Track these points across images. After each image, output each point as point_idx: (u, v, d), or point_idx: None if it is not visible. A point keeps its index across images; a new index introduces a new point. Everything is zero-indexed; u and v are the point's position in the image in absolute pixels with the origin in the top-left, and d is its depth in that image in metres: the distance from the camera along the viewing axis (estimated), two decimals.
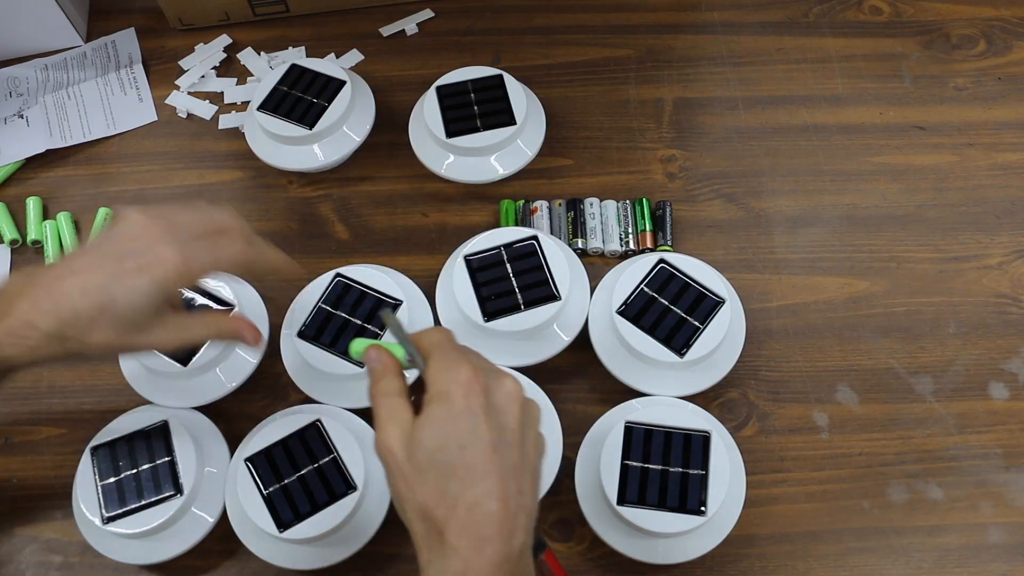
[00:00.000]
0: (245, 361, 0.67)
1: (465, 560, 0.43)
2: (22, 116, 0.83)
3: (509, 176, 0.75)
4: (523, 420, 0.47)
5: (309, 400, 0.66)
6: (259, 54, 0.86)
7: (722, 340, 0.64)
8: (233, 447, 0.64)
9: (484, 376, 0.46)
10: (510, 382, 0.47)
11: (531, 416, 0.48)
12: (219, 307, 0.67)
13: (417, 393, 0.49)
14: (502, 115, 0.75)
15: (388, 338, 0.58)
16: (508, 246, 0.68)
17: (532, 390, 0.65)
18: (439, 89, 0.76)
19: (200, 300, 0.67)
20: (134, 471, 0.62)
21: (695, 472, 0.59)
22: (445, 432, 0.45)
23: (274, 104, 0.77)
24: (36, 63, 0.88)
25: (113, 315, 0.51)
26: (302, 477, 0.60)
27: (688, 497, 0.59)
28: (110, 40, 0.88)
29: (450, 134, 0.74)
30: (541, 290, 0.66)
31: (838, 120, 0.80)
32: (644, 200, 0.75)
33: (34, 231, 0.77)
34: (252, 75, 0.85)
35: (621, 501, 0.59)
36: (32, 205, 0.78)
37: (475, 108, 0.75)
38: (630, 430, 0.61)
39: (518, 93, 0.76)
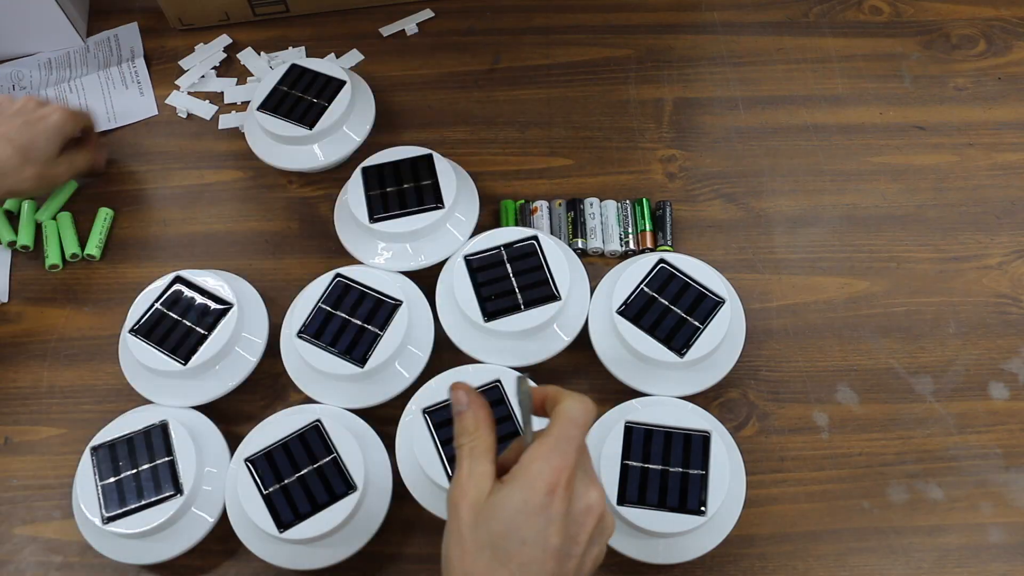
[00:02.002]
0: (245, 361, 0.67)
1: None
2: None
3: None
4: (594, 535, 0.46)
5: (309, 400, 0.66)
6: (259, 54, 0.86)
7: (722, 340, 0.64)
8: (233, 447, 0.64)
9: (575, 480, 0.45)
10: (596, 494, 0.46)
11: (604, 532, 0.47)
12: (218, 306, 0.67)
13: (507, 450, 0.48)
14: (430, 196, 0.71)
15: (514, 397, 0.55)
16: (508, 246, 0.68)
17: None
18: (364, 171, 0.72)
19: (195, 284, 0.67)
20: (134, 471, 0.62)
21: (695, 472, 0.59)
22: (515, 521, 0.44)
23: (274, 104, 0.77)
24: (39, 57, 0.88)
25: (34, 152, 0.71)
26: (302, 477, 0.60)
27: (688, 497, 0.59)
28: (112, 34, 0.89)
29: (374, 220, 0.70)
30: (541, 290, 0.66)
31: (838, 120, 0.80)
32: (644, 200, 0.75)
33: (25, 235, 0.77)
34: (252, 75, 0.85)
35: (621, 501, 0.59)
36: (26, 208, 0.78)
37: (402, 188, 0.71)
38: (630, 430, 0.61)
39: (446, 170, 0.72)
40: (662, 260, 0.67)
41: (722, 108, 0.81)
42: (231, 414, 0.68)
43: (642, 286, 0.66)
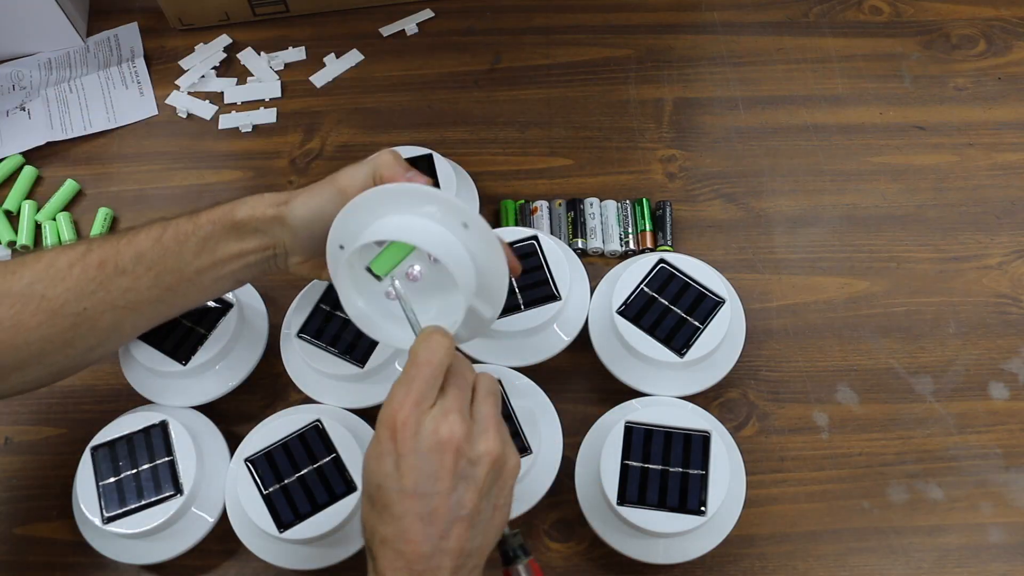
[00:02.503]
0: (245, 361, 0.67)
1: None
2: (24, 109, 0.84)
3: None
4: (458, 468, 0.45)
5: (309, 400, 0.66)
6: (259, 54, 0.86)
7: (722, 340, 0.64)
8: (233, 447, 0.64)
9: (419, 417, 0.45)
10: (448, 427, 0.45)
11: (472, 462, 0.46)
12: (218, 306, 0.67)
13: None
14: None
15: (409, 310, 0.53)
16: (508, 246, 0.68)
17: (532, 390, 0.65)
18: None
19: None
20: (134, 471, 0.61)
21: (695, 472, 0.59)
22: (370, 468, 0.46)
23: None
24: (39, 57, 0.88)
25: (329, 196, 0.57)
26: (302, 477, 0.60)
27: (688, 497, 0.59)
28: (112, 34, 0.89)
29: None
30: (541, 290, 0.66)
31: (838, 120, 0.80)
32: (644, 200, 0.75)
33: (25, 235, 0.77)
34: (252, 75, 0.85)
35: (621, 501, 0.59)
36: (26, 208, 0.78)
37: None
38: (630, 430, 0.61)
39: (446, 170, 0.71)
40: (662, 260, 0.67)
41: (722, 108, 0.81)
42: (231, 414, 0.68)
43: (642, 286, 0.66)
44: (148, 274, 0.57)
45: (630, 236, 0.74)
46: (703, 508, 0.58)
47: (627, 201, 0.76)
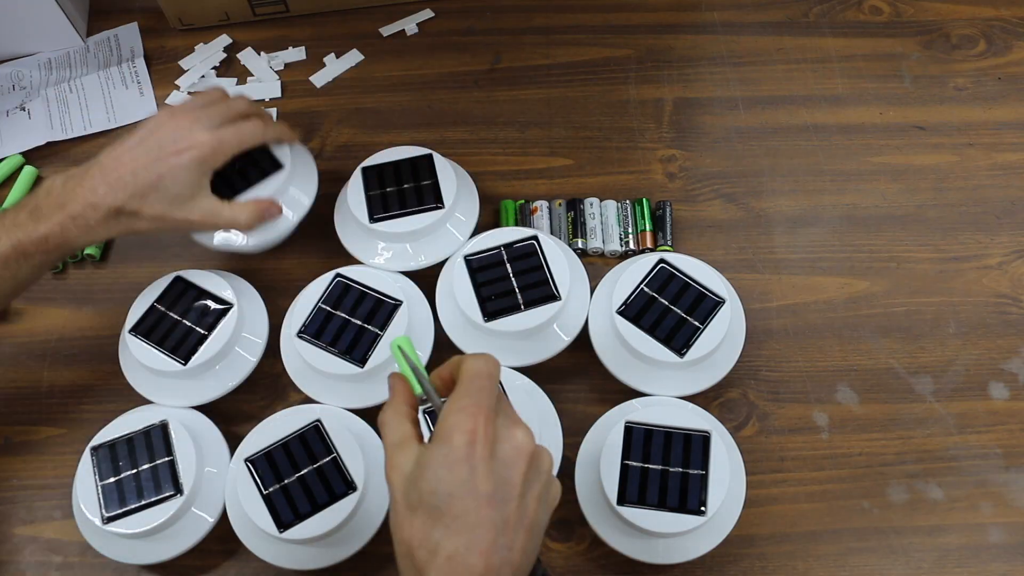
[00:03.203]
0: (245, 361, 0.67)
1: None
2: (24, 109, 0.84)
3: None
4: (528, 475, 0.45)
5: (309, 400, 0.66)
6: (259, 54, 0.86)
7: (722, 340, 0.64)
8: (233, 447, 0.64)
9: (494, 425, 0.45)
10: (521, 434, 0.45)
11: (539, 470, 0.46)
12: (218, 306, 0.67)
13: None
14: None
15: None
16: (508, 246, 0.68)
17: (532, 390, 0.65)
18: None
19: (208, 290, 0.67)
20: (134, 471, 0.61)
21: (695, 472, 0.59)
22: (439, 477, 0.43)
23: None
24: (39, 57, 0.88)
25: (161, 191, 0.62)
26: (302, 477, 0.60)
27: (688, 497, 0.59)
28: (112, 34, 0.89)
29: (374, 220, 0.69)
30: (541, 290, 0.66)
31: (838, 120, 0.80)
32: (644, 200, 0.75)
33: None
34: (252, 75, 0.85)
35: (621, 501, 0.59)
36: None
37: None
38: (630, 430, 0.61)
39: (446, 170, 0.71)
40: (662, 260, 0.67)
41: (722, 108, 0.81)
42: (231, 414, 0.68)
43: (642, 286, 0.66)
44: None
45: (630, 236, 0.74)
46: (703, 508, 0.58)
47: (627, 201, 0.76)
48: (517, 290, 0.66)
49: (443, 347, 0.67)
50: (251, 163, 0.69)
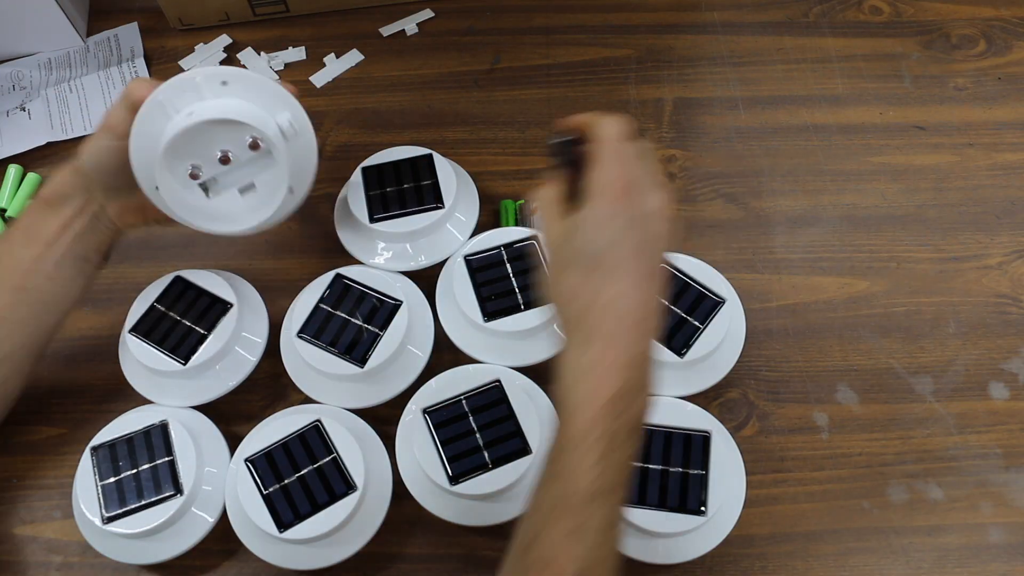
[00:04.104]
0: (245, 360, 0.67)
1: (601, 350, 0.45)
2: (24, 109, 0.84)
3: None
4: (667, 233, 0.48)
5: (309, 400, 0.66)
6: (259, 54, 0.86)
7: (722, 340, 0.64)
8: (233, 447, 0.64)
9: (639, 184, 0.48)
10: (660, 194, 0.48)
11: (675, 231, 0.49)
12: (218, 306, 0.67)
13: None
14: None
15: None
16: (508, 246, 0.68)
17: (532, 390, 0.65)
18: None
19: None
20: (134, 471, 0.62)
21: (695, 472, 0.59)
22: (595, 230, 0.47)
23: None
24: (39, 57, 0.88)
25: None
26: (302, 477, 0.60)
27: (688, 497, 0.59)
28: (112, 34, 0.89)
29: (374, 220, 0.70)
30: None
31: (838, 120, 0.80)
32: None
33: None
34: None
35: None
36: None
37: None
38: None
39: (446, 170, 0.71)
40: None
41: (722, 108, 0.81)
42: (231, 414, 0.68)
43: None
44: None
45: None
46: (703, 508, 0.58)
47: None
48: (517, 290, 0.66)
49: (443, 347, 0.67)
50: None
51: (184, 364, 0.64)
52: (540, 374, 0.66)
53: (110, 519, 0.60)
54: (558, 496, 0.44)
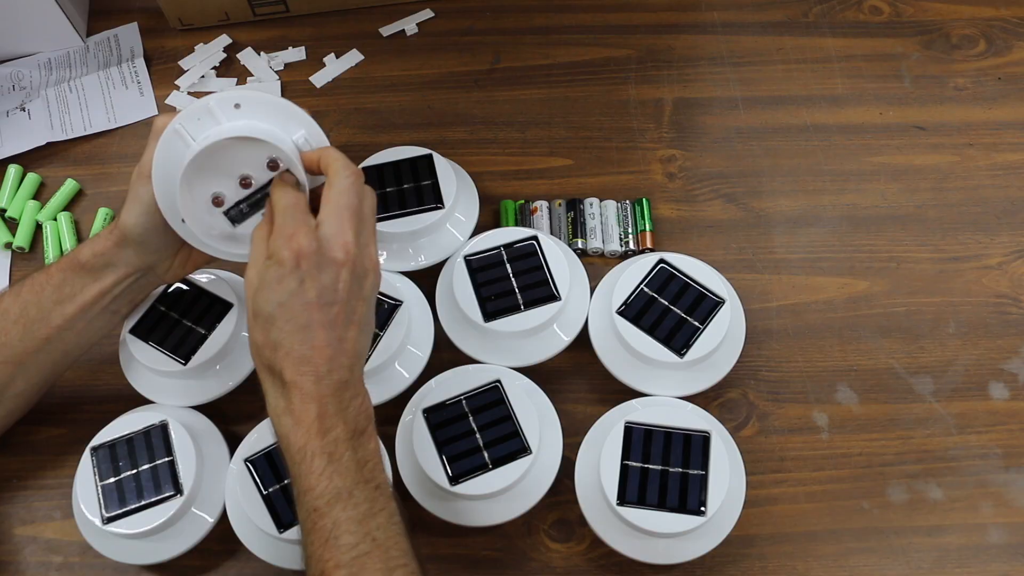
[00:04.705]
0: (245, 361, 0.67)
1: (289, 392, 0.51)
2: (24, 109, 0.84)
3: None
4: (350, 282, 0.52)
5: None
6: (259, 54, 0.86)
7: (722, 340, 0.64)
8: (233, 447, 0.64)
9: (315, 243, 0.51)
10: (339, 247, 0.52)
11: (360, 274, 0.53)
12: (218, 306, 0.67)
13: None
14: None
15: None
16: (508, 246, 0.68)
17: (532, 390, 0.65)
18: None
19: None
20: (134, 471, 0.61)
21: (695, 472, 0.59)
22: (272, 289, 0.51)
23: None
24: (39, 57, 0.88)
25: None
26: None
27: (688, 497, 0.59)
28: (112, 34, 0.89)
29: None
30: (541, 290, 0.66)
31: (838, 120, 0.80)
32: (644, 200, 0.75)
33: (21, 237, 0.77)
34: (252, 75, 0.85)
35: (621, 501, 0.59)
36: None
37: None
38: (630, 430, 0.61)
39: (446, 170, 0.71)
40: (662, 260, 0.67)
41: (722, 108, 0.81)
42: (231, 414, 0.68)
43: (642, 286, 0.66)
44: (15, 328, 0.60)
45: (630, 236, 0.74)
46: (703, 508, 0.58)
47: (627, 201, 0.76)
48: (517, 290, 0.66)
49: (443, 347, 0.67)
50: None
51: (184, 364, 0.64)
52: (540, 374, 0.66)
53: (110, 519, 0.60)
54: (307, 510, 0.50)
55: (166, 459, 0.62)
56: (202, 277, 0.68)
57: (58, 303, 0.60)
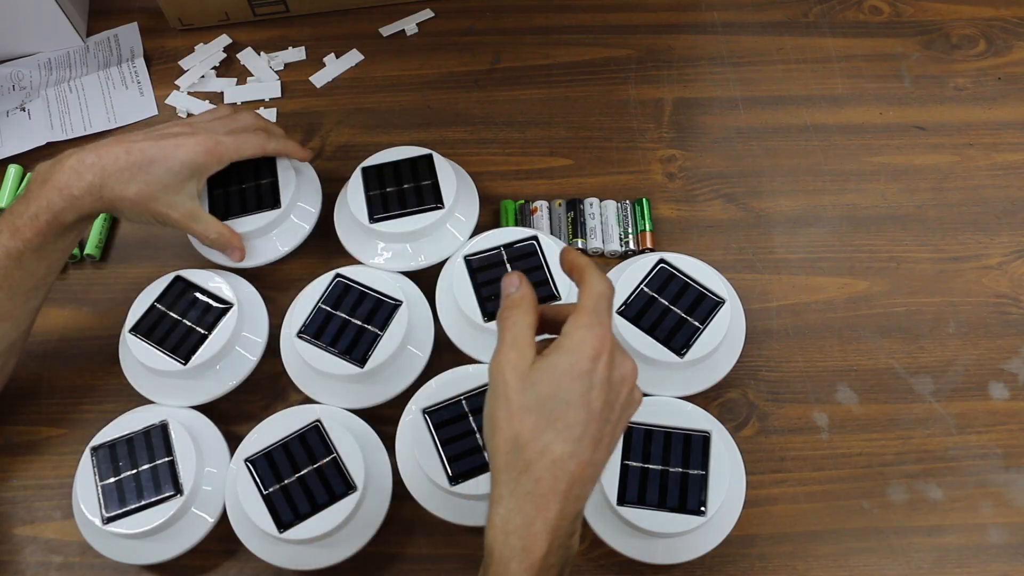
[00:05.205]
0: (245, 361, 0.67)
1: (535, 510, 0.45)
2: (24, 109, 0.84)
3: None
4: (627, 403, 0.49)
5: (309, 400, 0.66)
6: (259, 54, 0.86)
7: (722, 340, 0.64)
8: (233, 447, 0.64)
9: (614, 349, 0.48)
10: (631, 364, 0.49)
11: (633, 401, 0.50)
12: (218, 305, 0.67)
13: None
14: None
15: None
16: (508, 246, 0.68)
17: None
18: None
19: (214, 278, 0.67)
20: (134, 471, 0.62)
21: (695, 472, 0.59)
22: (562, 384, 0.46)
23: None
24: (39, 57, 0.88)
25: (149, 172, 0.62)
26: (302, 477, 0.60)
27: (688, 497, 0.59)
28: (112, 34, 0.89)
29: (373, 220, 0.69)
30: (541, 290, 0.66)
31: (838, 120, 0.80)
32: (644, 200, 0.75)
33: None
34: (252, 75, 0.85)
35: (621, 501, 0.59)
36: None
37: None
38: (630, 430, 0.61)
39: (446, 170, 0.71)
40: (662, 260, 0.67)
41: (722, 108, 0.81)
42: (231, 414, 0.68)
43: (642, 286, 0.66)
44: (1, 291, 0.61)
45: (630, 236, 0.74)
46: (703, 508, 0.58)
47: (627, 201, 0.76)
48: None
49: (443, 347, 0.67)
50: (254, 194, 0.71)
51: (184, 364, 0.64)
52: None
53: (110, 519, 0.60)
54: None
55: (166, 459, 0.62)
56: (202, 277, 0.68)
57: (40, 260, 0.62)
